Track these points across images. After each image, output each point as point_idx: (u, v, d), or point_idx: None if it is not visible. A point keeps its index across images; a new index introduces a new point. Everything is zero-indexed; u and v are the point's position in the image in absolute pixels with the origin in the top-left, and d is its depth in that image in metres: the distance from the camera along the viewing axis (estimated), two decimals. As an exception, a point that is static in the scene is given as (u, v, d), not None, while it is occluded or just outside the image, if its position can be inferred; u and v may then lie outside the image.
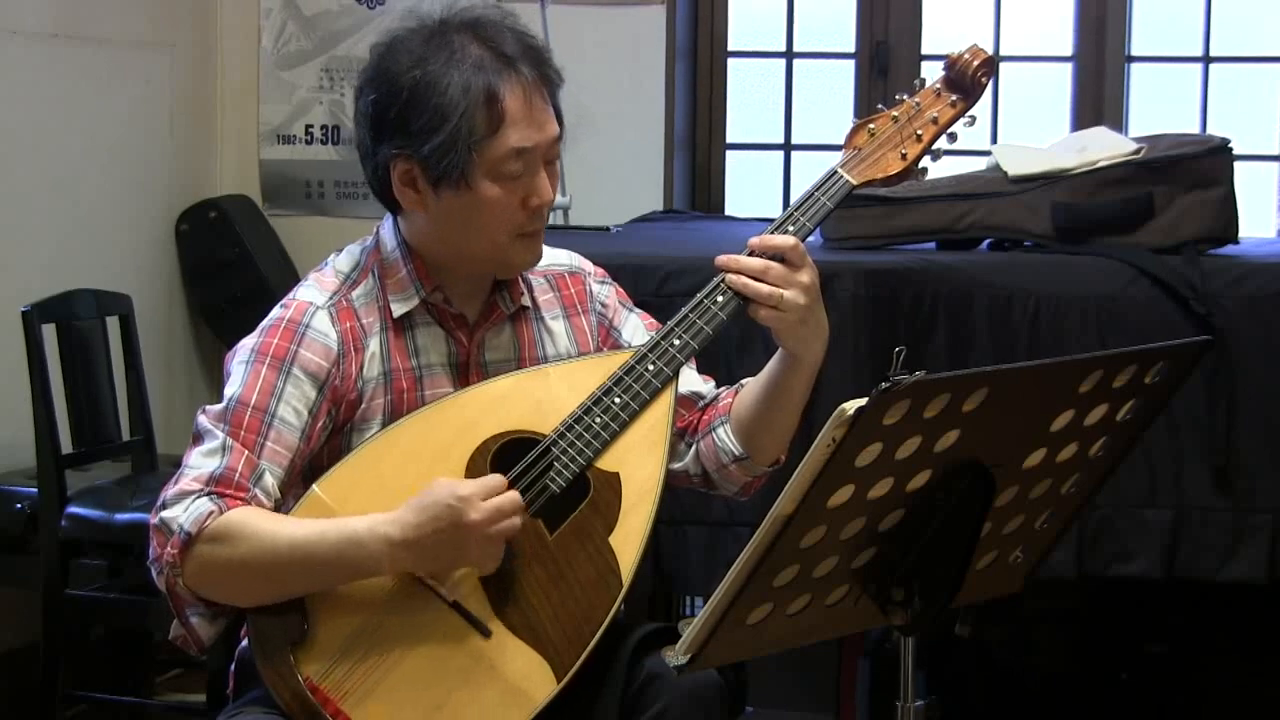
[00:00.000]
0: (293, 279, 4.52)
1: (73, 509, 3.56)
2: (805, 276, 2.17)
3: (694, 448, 2.35)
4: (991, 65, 2.32)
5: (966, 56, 2.31)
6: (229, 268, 4.59)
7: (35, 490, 3.61)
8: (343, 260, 2.26)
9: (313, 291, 2.21)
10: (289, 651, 2.05)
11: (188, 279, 4.66)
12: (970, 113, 2.32)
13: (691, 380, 2.37)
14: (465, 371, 2.25)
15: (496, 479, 2.07)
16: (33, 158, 4.13)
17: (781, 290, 2.16)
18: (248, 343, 2.18)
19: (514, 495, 2.06)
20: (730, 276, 2.18)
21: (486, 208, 2.16)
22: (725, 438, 2.31)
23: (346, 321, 2.19)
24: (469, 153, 2.12)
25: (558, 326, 2.33)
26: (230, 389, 2.14)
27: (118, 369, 3.85)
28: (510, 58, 2.15)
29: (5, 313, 3.78)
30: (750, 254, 2.19)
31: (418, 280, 2.22)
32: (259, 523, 2.05)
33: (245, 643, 2.15)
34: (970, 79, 2.31)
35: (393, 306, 2.22)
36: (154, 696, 4.04)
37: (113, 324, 3.87)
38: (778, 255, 2.17)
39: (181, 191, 4.65)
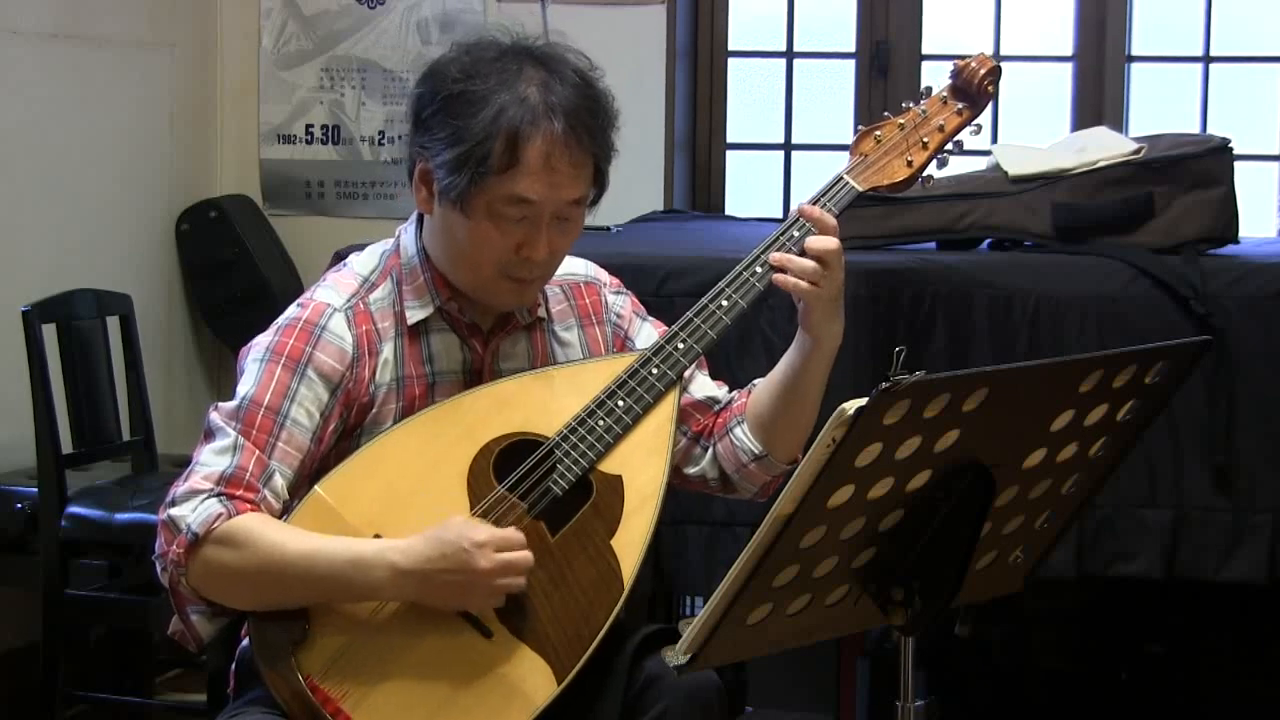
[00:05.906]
0: (293, 279, 4.54)
1: (73, 509, 3.56)
2: (842, 256, 2.21)
3: (711, 450, 2.35)
4: (998, 74, 2.33)
5: (973, 65, 2.32)
6: (229, 268, 4.58)
7: (35, 490, 3.61)
8: (363, 262, 2.26)
9: (330, 293, 2.21)
10: (290, 651, 2.05)
11: (188, 279, 4.66)
12: (976, 121, 2.33)
13: (705, 385, 2.37)
14: (479, 380, 2.24)
15: (515, 534, 2.06)
16: (33, 158, 4.12)
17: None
18: (263, 340, 2.17)
19: (527, 554, 2.06)
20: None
21: (474, 236, 2.15)
22: (743, 437, 2.31)
23: (362, 325, 2.19)
24: (473, 180, 2.11)
25: (572, 337, 2.33)
26: (244, 387, 2.14)
27: (118, 369, 3.85)
28: (554, 108, 2.12)
29: (5, 313, 3.78)
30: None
31: (434, 288, 2.22)
32: (266, 531, 2.05)
33: (246, 642, 2.15)
34: (977, 87, 2.32)
35: (409, 313, 2.21)
36: (154, 696, 4.03)
37: (113, 324, 3.87)
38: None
39: (182, 191, 4.65)
